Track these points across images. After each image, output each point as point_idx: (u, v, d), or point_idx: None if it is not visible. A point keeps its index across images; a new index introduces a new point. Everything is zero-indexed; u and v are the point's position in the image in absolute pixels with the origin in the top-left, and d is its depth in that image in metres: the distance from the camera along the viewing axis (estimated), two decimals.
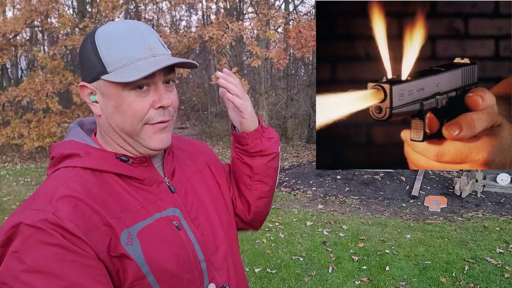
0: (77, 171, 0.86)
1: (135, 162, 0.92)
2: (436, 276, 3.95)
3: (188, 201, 0.98)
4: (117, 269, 0.81)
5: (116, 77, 0.84)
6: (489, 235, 5.04)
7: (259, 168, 1.11)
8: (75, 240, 0.75)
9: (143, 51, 0.85)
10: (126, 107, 0.86)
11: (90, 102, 0.90)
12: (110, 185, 0.87)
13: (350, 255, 4.53)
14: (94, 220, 0.79)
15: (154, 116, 0.88)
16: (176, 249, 0.88)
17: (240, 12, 15.35)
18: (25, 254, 0.72)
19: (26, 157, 12.77)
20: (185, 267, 0.89)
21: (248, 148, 1.09)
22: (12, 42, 12.27)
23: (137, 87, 0.85)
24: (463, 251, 4.54)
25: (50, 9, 10.91)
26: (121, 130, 0.89)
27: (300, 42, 11.57)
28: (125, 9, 12.48)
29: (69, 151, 0.89)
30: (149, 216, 0.88)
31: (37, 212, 0.76)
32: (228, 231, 1.06)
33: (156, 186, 0.93)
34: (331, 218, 5.94)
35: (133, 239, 0.83)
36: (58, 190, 0.80)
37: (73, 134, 0.95)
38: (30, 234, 0.73)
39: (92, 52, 0.86)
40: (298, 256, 4.55)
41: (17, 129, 11.44)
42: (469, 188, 6.80)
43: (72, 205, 0.78)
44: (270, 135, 1.11)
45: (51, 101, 11.05)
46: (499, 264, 4.17)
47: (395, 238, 5.04)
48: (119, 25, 0.88)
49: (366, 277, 3.99)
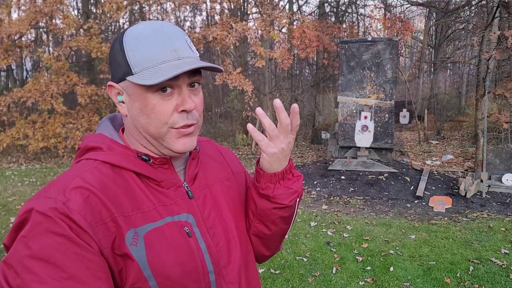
0: (96, 164, 0.87)
1: (156, 162, 0.91)
2: (440, 277, 3.93)
3: (206, 208, 0.95)
4: (120, 268, 0.80)
5: (139, 79, 0.83)
6: (494, 235, 5.01)
7: (263, 210, 1.02)
8: (80, 233, 0.76)
9: (168, 54, 0.84)
10: (150, 109, 0.85)
11: (117, 101, 0.90)
12: (127, 182, 0.87)
13: (354, 256, 4.51)
14: (103, 214, 0.80)
15: (178, 120, 0.87)
16: (182, 257, 0.86)
17: (244, 13, 15.36)
18: (32, 240, 0.74)
19: (31, 158, 12.83)
20: (191, 276, 0.87)
21: (258, 186, 0.99)
22: (17, 43, 12.33)
23: (161, 90, 0.84)
24: (468, 252, 4.51)
25: (54, 10, 10.95)
26: (146, 132, 0.88)
27: (304, 43, 11.56)
28: (129, 10, 12.51)
29: (94, 144, 0.90)
30: (160, 219, 0.86)
31: (49, 200, 0.77)
32: (245, 245, 1.02)
33: (173, 189, 0.92)
34: (335, 218, 5.93)
35: (139, 239, 0.82)
36: (73, 180, 0.81)
37: (102, 128, 0.96)
38: (40, 221, 0.75)
39: (119, 52, 0.86)
40: (302, 256, 4.54)
41: (22, 130, 11.49)
42: (474, 188, 6.76)
43: (84, 197, 0.79)
44: (289, 185, 0.98)
45: (55, 102, 11.09)
46: (504, 265, 4.14)
47: (400, 238, 5.02)
48: (146, 26, 0.87)
49: (370, 278, 3.98)
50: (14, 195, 7.95)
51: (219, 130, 17.76)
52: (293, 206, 1.01)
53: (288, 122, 0.89)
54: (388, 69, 8.45)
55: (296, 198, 1.00)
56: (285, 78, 18.23)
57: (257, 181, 1.00)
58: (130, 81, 0.85)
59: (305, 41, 11.49)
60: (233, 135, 16.30)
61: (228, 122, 18.62)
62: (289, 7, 16.22)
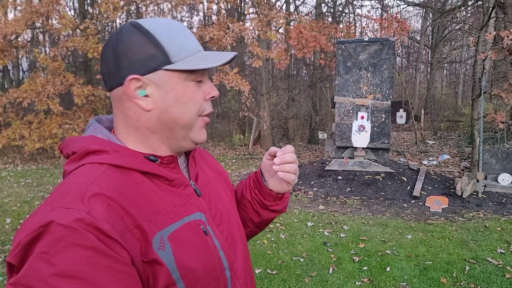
0: (105, 168, 0.81)
1: (163, 162, 0.89)
2: (437, 277, 3.93)
3: (212, 206, 0.96)
4: (147, 275, 0.77)
5: (186, 65, 0.84)
6: (490, 235, 5.03)
7: (266, 220, 1.17)
8: (110, 243, 0.71)
9: (197, 45, 0.89)
10: (188, 98, 0.86)
11: (137, 96, 0.84)
12: (139, 185, 0.83)
13: (351, 256, 4.52)
14: (126, 221, 0.75)
15: (206, 107, 0.91)
16: (203, 255, 0.85)
17: (241, 13, 15.35)
18: (56, 257, 0.67)
19: (27, 159, 12.79)
20: (212, 274, 0.86)
21: (268, 204, 1.12)
22: (13, 43, 12.29)
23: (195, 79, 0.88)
24: (464, 252, 4.53)
25: (51, 11, 10.93)
26: (177, 123, 0.87)
27: (301, 43, 11.57)
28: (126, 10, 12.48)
29: (96, 147, 0.84)
30: (179, 219, 0.84)
31: (70, 211, 0.70)
32: (243, 239, 1.05)
33: (182, 188, 0.90)
34: (332, 218, 5.93)
35: (165, 243, 0.79)
36: (89, 187, 0.75)
37: (93, 130, 0.89)
38: (63, 235, 0.68)
39: (148, 43, 0.83)
40: (298, 257, 4.54)
41: (18, 131, 11.46)
42: (470, 188, 6.78)
43: (105, 204, 0.74)
44: (286, 195, 1.15)
45: (52, 102, 11.07)
46: (500, 265, 4.15)
47: (396, 238, 5.03)
48: (164, 20, 0.89)
49: (367, 278, 3.98)
50: (10, 196, 7.92)
51: (216, 131, 17.75)
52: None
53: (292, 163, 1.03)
54: (384, 69, 8.47)
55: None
56: (282, 78, 18.25)
57: (266, 200, 1.11)
58: (171, 69, 0.84)
59: (302, 41, 11.50)
60: (230, 136, 16.30)
61: (225, 122, 18.62)
62: (286, 7, 16.24)
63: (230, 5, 14.13)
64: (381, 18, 13.60)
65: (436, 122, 17.48)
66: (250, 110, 13.16)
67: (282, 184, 1.08)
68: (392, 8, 19.92)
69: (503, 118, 7.17)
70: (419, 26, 22.67)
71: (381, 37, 9.91)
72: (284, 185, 1.08)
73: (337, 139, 8.87)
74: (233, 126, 17.32)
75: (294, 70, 18.76)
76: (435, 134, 15.37)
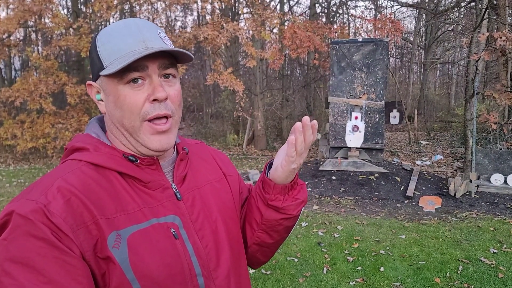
0: (80, 165, 0.86)
1: (143, 163, 0.89)
2: (430, 277, 3.95)
3: (195, 210, 0.94)
4: (103, 271, 0.79)
5: (106, 70, 0.84)
6: (483, 235, 5.06)
7: (269, 221, 1.02)
8: (61, 236, 0.74)
9: (136, 44, 0.84)
10: (122, 100, 0.85)
11: (97, 100, 0.91)
12: (112, 183, 0.85)
13: (345, 256, 4.52)
14: (85, 217, 0.78)
15: (149, 110, 0.85)
16: (168, 259, 0.84)
17: (235, 13, 15.34)
18: (11, 243, 0.73)
19: (19, 158, 12.69)
20: (177, 279, 0.85)
21: (267, 197, 0.99)
22: (5, 42, 12.19)
23: (132, 81, 0.84)
24: (457, 251, 4.55)
25: (43, 9, 10.85)
26: (122, 126, 0.88)
27: (295, 43, 11.58)
28: (119, 9, 12.43)
29: (80, 144, 0.90)
30: (145, 220, 0.84)
31: (30, 202, 0.76)
32: (236, 248, 1.00)
33: (160, 191, 0.90)
34: (326, 218, 5.94)
35: (121, 242, 0.80)
36: (55, 182, 0.80)
37: (90, 128, 0.95)
38: (20, 224, 0.74)
39: (94, 50, 0.88)
40: (293, 257, 4.54)
41: (10, 130, 11.37)
42: (463, 188, 6.82)
43: (65, 199, 0.78)
44: (297, 195, 1.00)
45: (44, 101, 10.99)
46: (493, 264, 4.18)
47: (390, 238, 5.04)
48: (119, 22, 0.89)
49: (361, 278, 3.99)
50: (2, 196, 7.86)
51: (210, 130, 17.71)
52: (298, 216, 1.03)
53: (311, 139, 0.91)
54: (378, 69, 8.49)
55: (302, 207, 1.02)
56: (276, 78, 18.25)
57: (266, 192, 1.00)
58: (102, 75, 0.86)
59: (296, 41, 11.50)
60: (224, 135, 16.28)
61: (219, 122, 18.58)
62: (280, 7, 16.24)
63: (224, 4, 14.12)
64: (375, 19, 13.64)
65: (429, 122, 17.57)
66: (244, 110, 13.16)
67: (281, 159, 0.94)
68: (386, 9, 20.00)
69: (496, 119, 7.22)
70: (413, 27, 22.79)
71: (375, 38, 9.94)
72: (282, 161, 0.93)
73: (331, 139, 8.89)
74: (227, 126, 17.30)
75: (288, 70, 18.77)
76: (428, 134, 15.45)
